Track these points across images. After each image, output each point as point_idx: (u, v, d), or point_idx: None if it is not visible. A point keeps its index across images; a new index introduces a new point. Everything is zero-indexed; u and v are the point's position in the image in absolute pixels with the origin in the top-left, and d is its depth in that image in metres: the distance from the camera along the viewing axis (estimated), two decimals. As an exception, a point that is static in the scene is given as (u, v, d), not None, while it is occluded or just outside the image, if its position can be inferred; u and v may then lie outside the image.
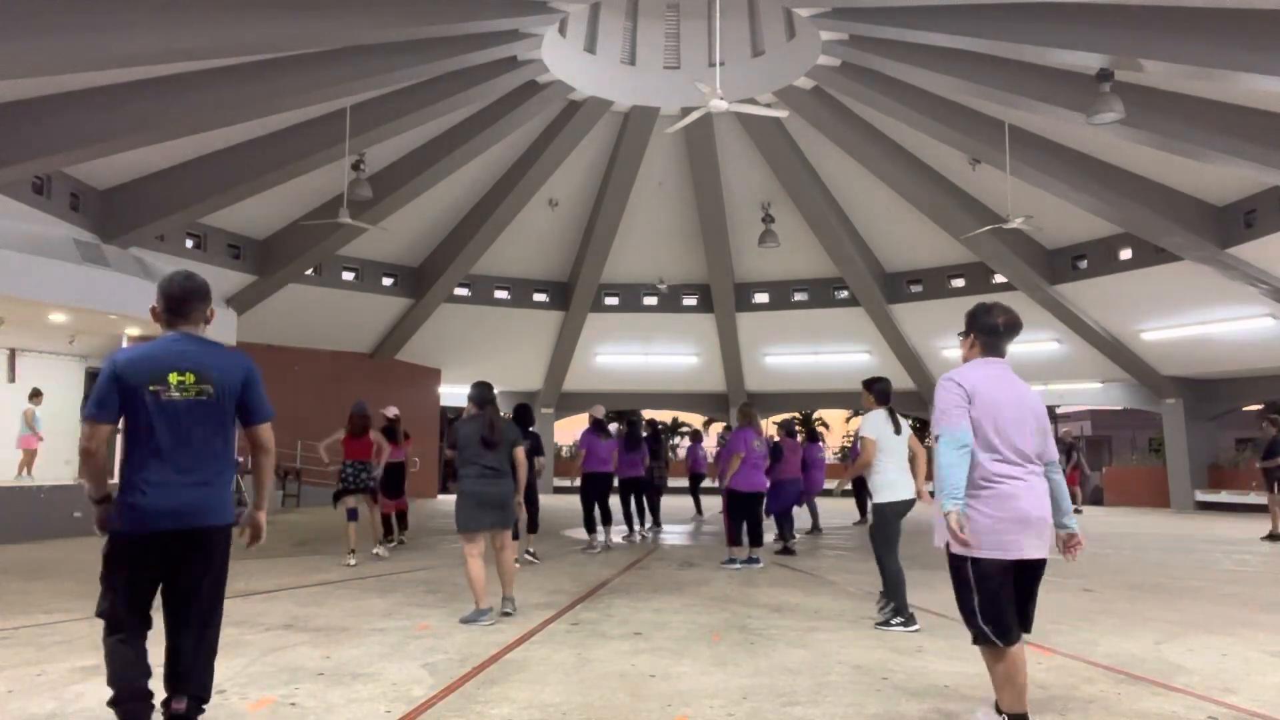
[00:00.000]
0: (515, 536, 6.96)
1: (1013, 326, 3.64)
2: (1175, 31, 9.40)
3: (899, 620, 5.69)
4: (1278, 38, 8.91)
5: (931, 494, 3.87)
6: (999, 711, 3.43)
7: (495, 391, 6.35)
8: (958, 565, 3.42)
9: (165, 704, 3.09)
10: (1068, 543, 3.59)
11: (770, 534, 10.04)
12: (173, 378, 3.11)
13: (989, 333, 3.64)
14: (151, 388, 3.09)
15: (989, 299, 3.86)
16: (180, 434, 3.11)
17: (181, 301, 3.26)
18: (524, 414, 8.49)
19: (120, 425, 3.16)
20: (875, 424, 6.02)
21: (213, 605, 3.21)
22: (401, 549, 10.14)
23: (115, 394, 3.07)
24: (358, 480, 9.13)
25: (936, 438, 3.42)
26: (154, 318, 3.30)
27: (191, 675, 3.11)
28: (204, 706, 3.18)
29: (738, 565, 8.69)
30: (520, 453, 6.23)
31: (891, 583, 5.82)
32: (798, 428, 12.17)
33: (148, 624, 3.15)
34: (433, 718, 3.76)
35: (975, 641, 3.41)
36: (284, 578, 7.78)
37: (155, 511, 3.03)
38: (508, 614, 6.00)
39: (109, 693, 3.05)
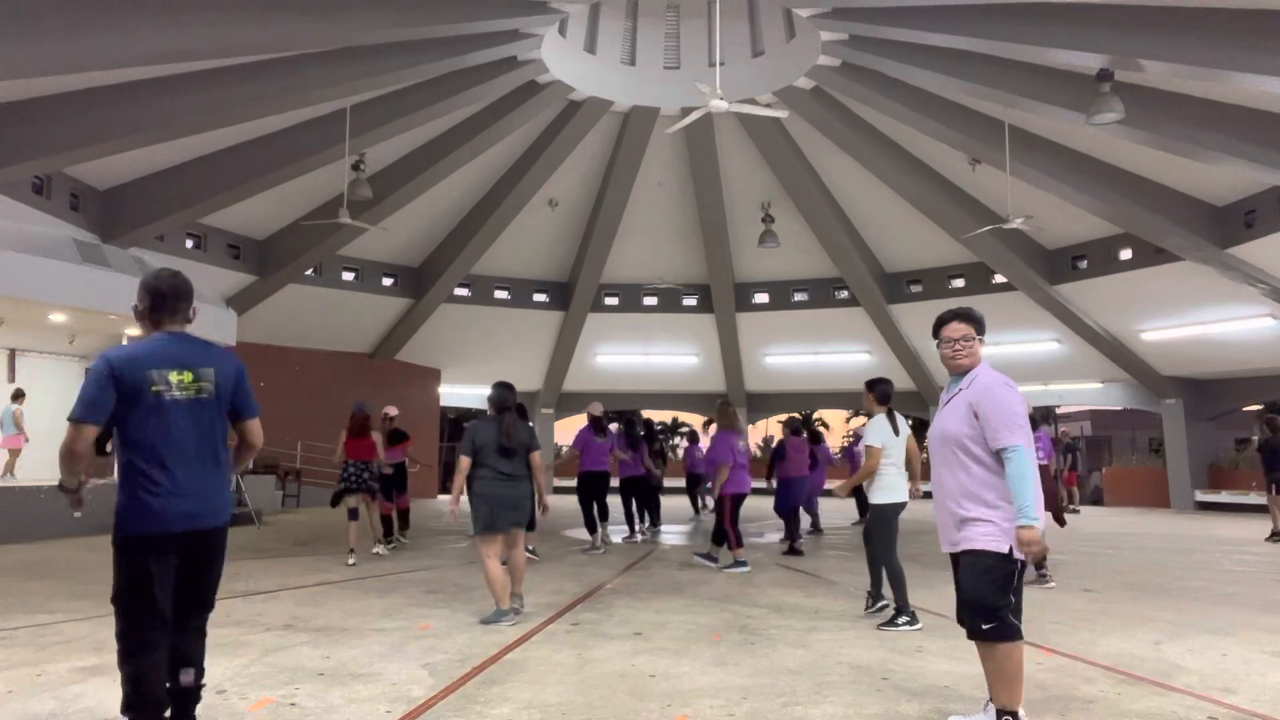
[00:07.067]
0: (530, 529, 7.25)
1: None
2: (1175, 31, 9.39)
3: (904, 620, 5.68)
4: (1278, 38, 8.91)
5: (927, 494, 3.97)
6: None
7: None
8: None
9: (173, 679, 3.13)
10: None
11: (776, 534, 10.01)
12: (173, 377, 3.11)
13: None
14: (154, 388, 3.07)
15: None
16: (184, 434, 3.12)
17: (172, 299, 3.25)
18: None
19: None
20: (880, 430, 6.10)
21: (213, 599, 3.32)
22: (401, 549, 10.14)
23: (110, 395, 3.02)
24: (359, 480, 9.17)
25: None
26: (137, 316, 3.28)
27: (193, 657, 3.21)
28: (203, 681, 3.28)
29: (746, 568, 8.63)
30: (537, 457, 6.19)
31: (894, 581, 5.86)
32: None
33: (168, 625, 3.12)
34: (433, 718, 3.76)
35: None
36: (284, 578, 7.78)
37: (169, 513, 3.05)
38: (516, 611, 5.98)
39: (114, 694, 3.02)
